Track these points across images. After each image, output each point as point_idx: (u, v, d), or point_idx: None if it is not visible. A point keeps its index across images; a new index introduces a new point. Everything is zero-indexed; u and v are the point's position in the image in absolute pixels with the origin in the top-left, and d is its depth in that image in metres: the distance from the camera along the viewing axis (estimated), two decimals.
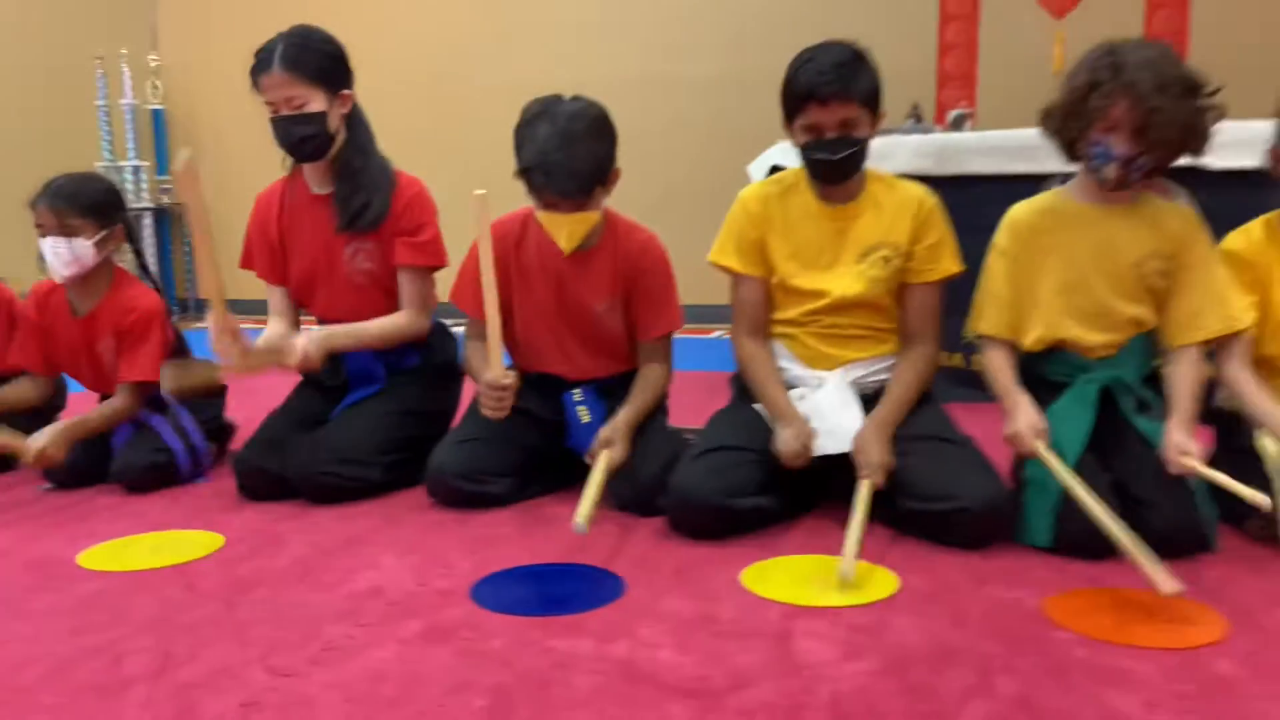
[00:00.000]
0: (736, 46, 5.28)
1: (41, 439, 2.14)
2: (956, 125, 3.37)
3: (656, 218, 2.33)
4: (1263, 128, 1.82)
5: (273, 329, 2.23)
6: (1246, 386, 1.76)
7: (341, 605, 1.52)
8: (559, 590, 1.60)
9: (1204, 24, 4.57)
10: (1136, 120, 1.66)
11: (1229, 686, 1.21)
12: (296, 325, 2.30)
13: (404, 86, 5.43)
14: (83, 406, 2.36)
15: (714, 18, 5.36)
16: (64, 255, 2.17)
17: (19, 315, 2.39)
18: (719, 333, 4.55)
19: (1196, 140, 1.71)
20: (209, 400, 2.41)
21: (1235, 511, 1.65)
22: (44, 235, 2.17)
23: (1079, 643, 1.34)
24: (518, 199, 2.03)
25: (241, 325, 1.88)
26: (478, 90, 5.52)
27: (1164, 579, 1.40)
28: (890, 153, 3.00)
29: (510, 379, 1.90)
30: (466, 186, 1.75)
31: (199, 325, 2.73)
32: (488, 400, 1.92)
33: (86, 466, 2.22)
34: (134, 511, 2.05)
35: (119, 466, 2.20)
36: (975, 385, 2.47)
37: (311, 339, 2.07)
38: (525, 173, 1.91)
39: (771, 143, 3.30)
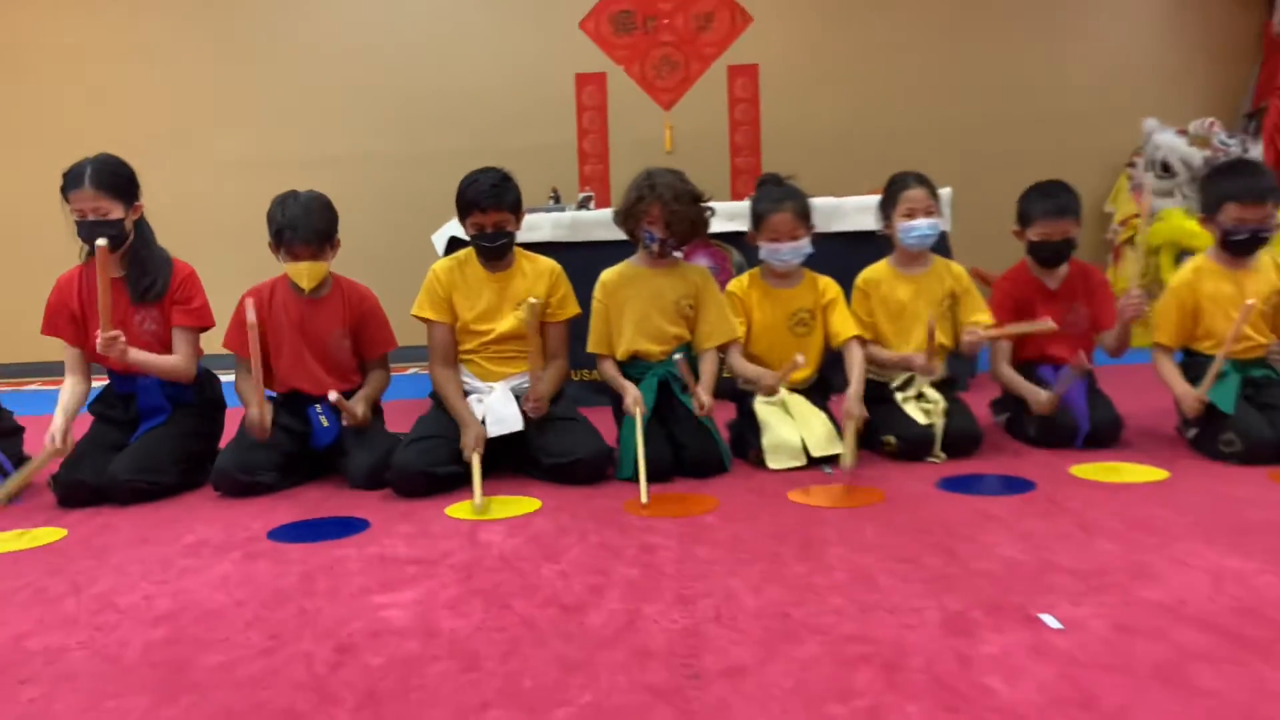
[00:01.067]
0: (412, 131, 6.24)
1: None
2: (583, 205, 4.53)
3: (363, 278, 3.24)
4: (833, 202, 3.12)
5: (69, 386, 2.92)
6: (746, 369, 2.95)
7: (182, 549, 2.31)
8: (325, 530, 2.47)
9: (771, 114, 6.10)
10: (665, 218, 2.80)
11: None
12: (89, 378, 3.00)
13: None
14: None
15: (393, 103, 6.27)
16: None
17: None
18: (413, 370, 5.43)
19: (701, 229, 2.89)
20: (10, 439, 3.03)
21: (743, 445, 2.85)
22: None
23: (643, 524, 2.41)
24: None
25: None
26: (209, 164, 6.16)
27: (646, 492, 2.51)
28: (537, 225, 4.08)
29: (266, 418, 2.77)
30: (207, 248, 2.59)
31: None
32: (251, 428, 2.78)
33: None
34: None
35: None
36: (600, 391, 3.55)
37: (126, 350, 2.76)
38: (279, 233, 2.81)
39: (446, 212, 4.31)
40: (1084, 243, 3.65)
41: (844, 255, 3.38)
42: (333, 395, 2.80)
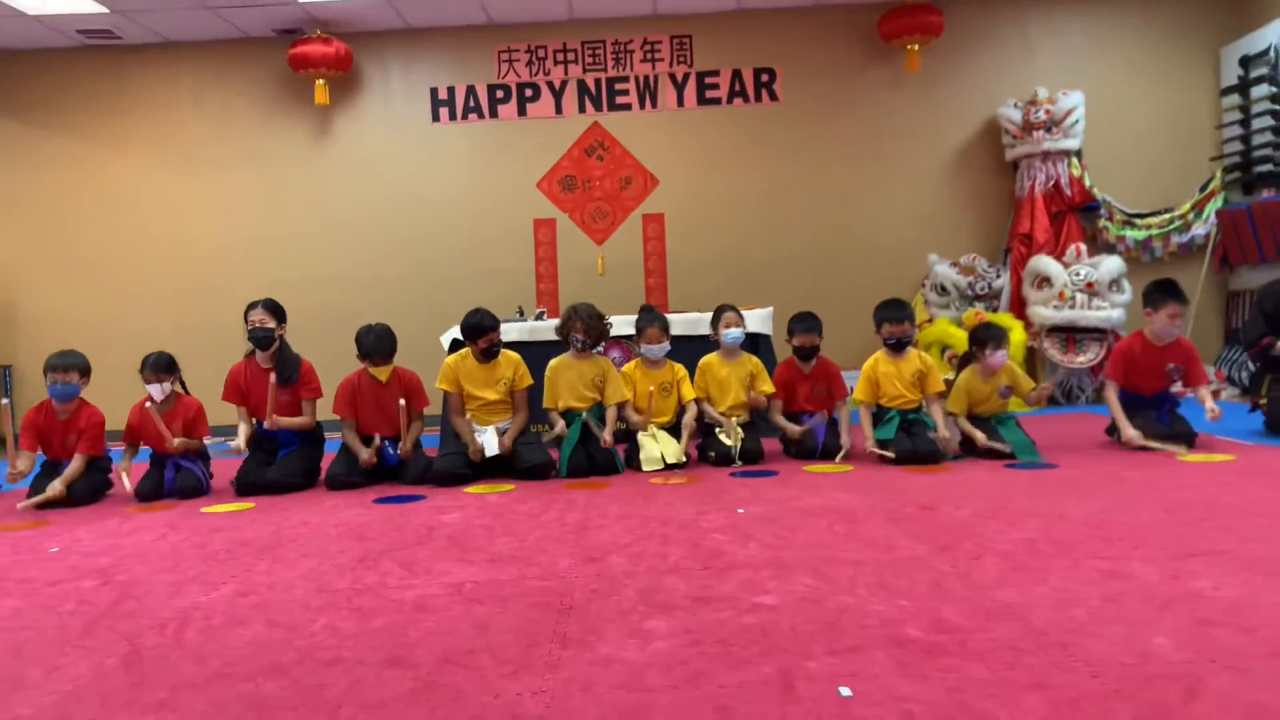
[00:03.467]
0: (411, 257, 8.43)
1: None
2: (539, 317, 6.74)
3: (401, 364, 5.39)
4: (696, 316, 5.35)
5: (244, 428, 5.05)
6: (630, 416, 5.15)
7: (324, 510, 4.42)
8: (404, 500, 4.58)
9: (674, 247, 8.40)
10: (583, 330, 5.04)
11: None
12: (251, 422, 5.12)
13: (200, 286, 8.14)
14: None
15: (397, 238, 8.46)
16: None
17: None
18: None
19: (605, 336, 5.14)
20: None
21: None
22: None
23: (571, 494, 4.58)
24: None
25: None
26: (259, 282, 8.23)
27: (564, 471, 4.70)
28: (508, 331, 6.26)
29: (370, 456, 4.90)
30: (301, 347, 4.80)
31: None
32: (365, 464, 4.92)
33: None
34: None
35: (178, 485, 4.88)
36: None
37: (277, 422, 4.91)
38: (368, 353, 4.97)
39: (448, 318, 6.51)
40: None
41: (699, 349, 5.60)
42: (368, 457, 4.96)
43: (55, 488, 4.73)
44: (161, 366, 4.94)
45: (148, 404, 4.97)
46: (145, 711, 2.03)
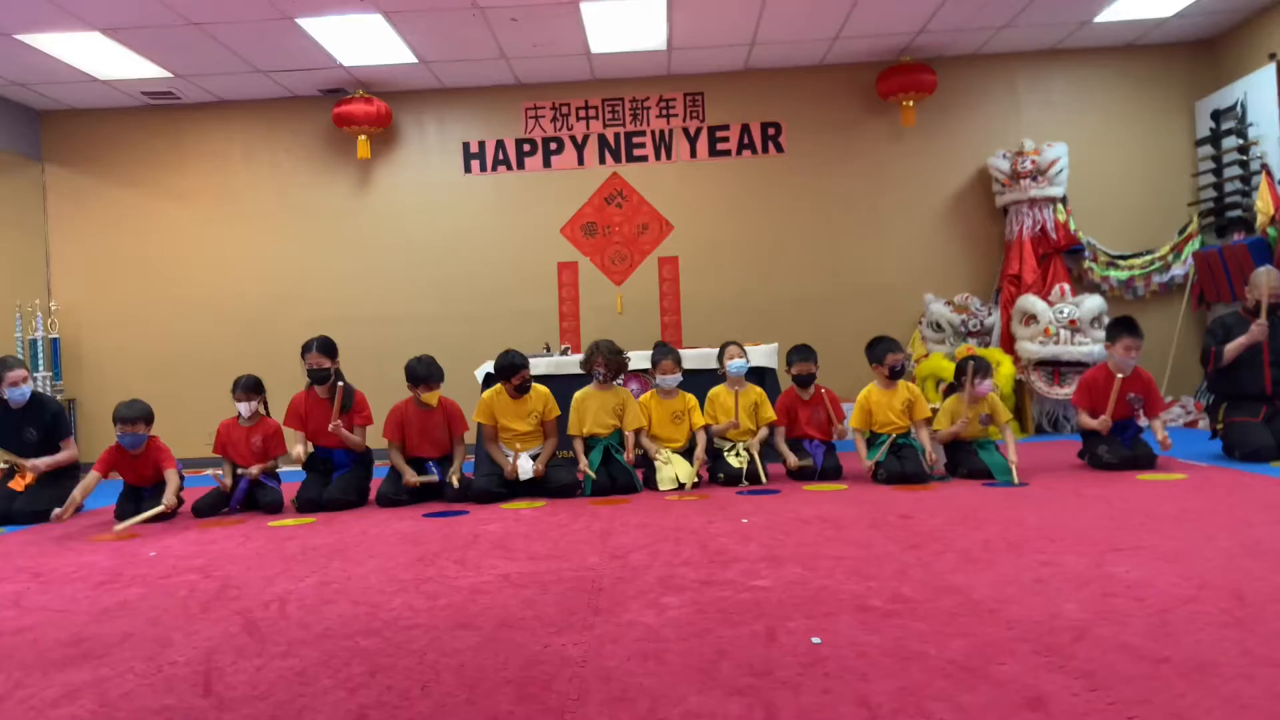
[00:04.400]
0: (446, 297, 9.08)
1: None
2: (563, 353, 7.36)
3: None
4: (707, 351, 5.96)
5: (300, 446, 5.67)
6: (647, 444, 5.75)
7: (378, 521, 5.02)
8: (448, 514, 5.18)
9: (687, 288, 9.02)
10: (604, 364, 5.66)
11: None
12: (305, 445, 5.73)
13: (250, 325, 8.83)
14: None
15: (432, 279, 9.11)
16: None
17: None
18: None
19: (624, 369, 5.75)
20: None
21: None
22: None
23: (595, 510, 5.17)
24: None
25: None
26: (293, 325, 8.88)
27: (588, 490, 5.30)
28: (536, 365, 6.88)
29: (415, 479, 5.51)
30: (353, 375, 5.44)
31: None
32: (406, 483, 5.53)
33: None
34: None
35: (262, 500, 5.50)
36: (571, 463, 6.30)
37: (340, 430, 5.54)
38: (422, 380, 5.59)
39: (479, 354, 7.14)
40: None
41: (709, 381, 6.19)
42: (413, 479, 5.56)
43: (169, 499, 5.36)
44: (250, 387, 5.63)
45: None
46: (272, 659, 2.63)
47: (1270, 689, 2.03)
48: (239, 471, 5.61)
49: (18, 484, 5.68)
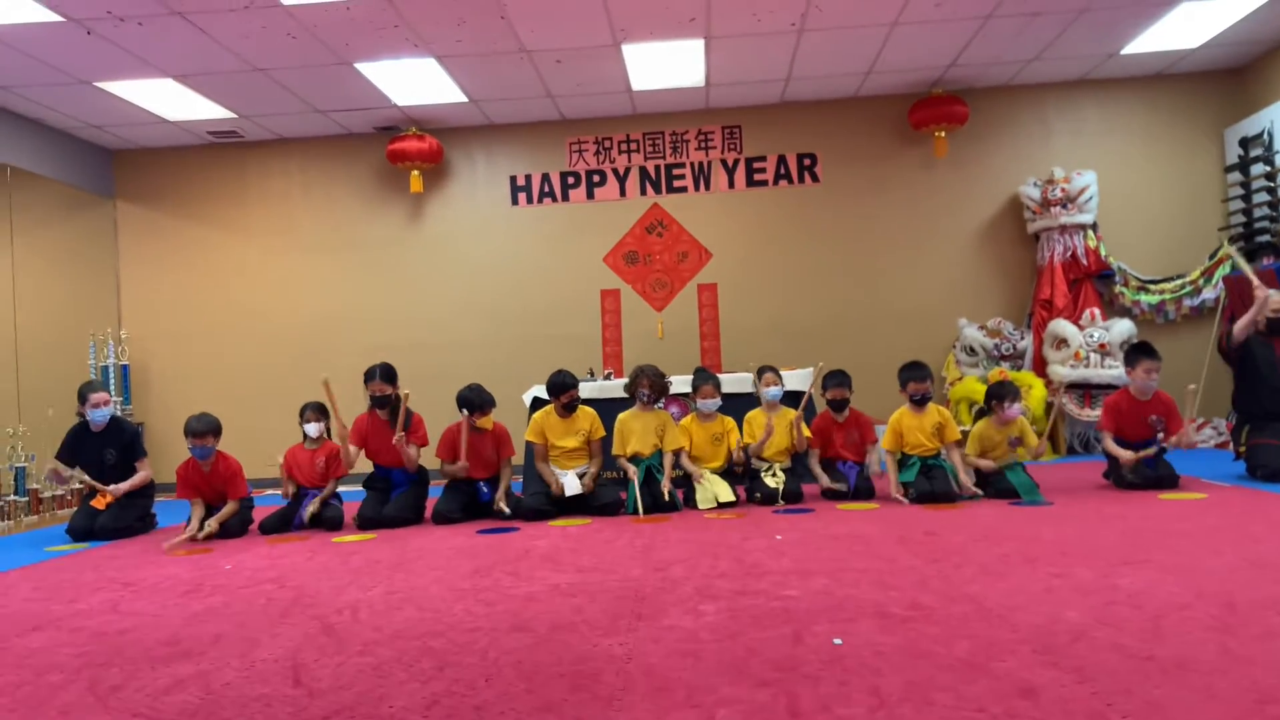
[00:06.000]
0: (497, 323, 9.46)
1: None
2: (607, 377, 7.69)
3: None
4: (744, 376, 6.25)
5: (356, 460, 6.03)
6: (687, 464, 6.04)
7: (437, 538, 5.35)
8: (501, 531, 5.50)
9: (726, 315, 9.32)
10: (648, 386, 5.98)
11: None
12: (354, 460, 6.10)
13: (307, 351, 9.25)
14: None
15: (484, 307, 9.49)
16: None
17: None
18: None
19: (666, 391, 6.07)
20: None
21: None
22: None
23: (638, 527, 5.46)
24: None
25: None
26: (349, 352, 9.29)
27: (641, 512, 5.60)
28: (582, 389, 7.21)
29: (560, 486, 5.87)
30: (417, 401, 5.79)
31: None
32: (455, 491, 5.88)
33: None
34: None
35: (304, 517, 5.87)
36: (616, 483, 6.62)
37: (403, 444, 5.90)
38: (478, 408, 5.93)
39: (525, 378, 7.48)
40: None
41: (747, 405, 6.48)
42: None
43: (211, 525, 5.72)
44: (319, 410, 6.02)
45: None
46: (351, 656, 2.95)
47: (1240, 683, 2.28)
48: (306, 507, 5.95)
49: (99, 503, 6.09)
